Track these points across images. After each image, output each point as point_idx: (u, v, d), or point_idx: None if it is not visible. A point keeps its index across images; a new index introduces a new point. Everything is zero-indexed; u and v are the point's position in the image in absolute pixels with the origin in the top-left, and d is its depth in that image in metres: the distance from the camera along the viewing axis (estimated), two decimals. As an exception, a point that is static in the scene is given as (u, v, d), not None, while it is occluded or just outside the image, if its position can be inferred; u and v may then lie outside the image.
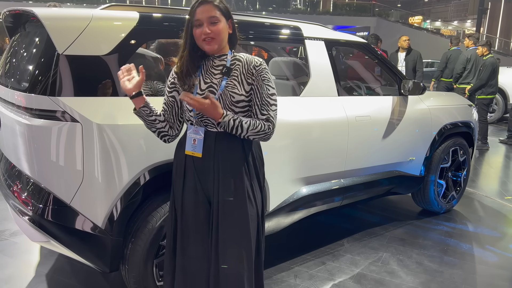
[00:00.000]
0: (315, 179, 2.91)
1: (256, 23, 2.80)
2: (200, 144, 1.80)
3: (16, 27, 2.56)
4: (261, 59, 1.86)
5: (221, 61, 1.83)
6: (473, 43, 7.47)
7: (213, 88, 1.79)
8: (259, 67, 1.82)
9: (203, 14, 1.72)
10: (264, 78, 1.82)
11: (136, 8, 2.40)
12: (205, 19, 1.72)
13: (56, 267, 2.84)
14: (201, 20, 1.73)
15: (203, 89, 1.80)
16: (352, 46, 3.58)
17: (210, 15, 1.72)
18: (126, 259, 2.18)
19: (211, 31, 1.73)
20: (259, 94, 1.81)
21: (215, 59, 1.84)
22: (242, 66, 1.83)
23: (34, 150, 2.03)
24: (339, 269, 2.93)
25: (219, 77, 1.80)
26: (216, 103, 1.69)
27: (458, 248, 3.35)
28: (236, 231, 1.81)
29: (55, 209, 2.02)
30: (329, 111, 2.92)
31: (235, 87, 1.79)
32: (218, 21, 1.74)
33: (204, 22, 1.72)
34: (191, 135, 1.82)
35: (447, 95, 4.51)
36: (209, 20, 1.72)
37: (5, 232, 3.31)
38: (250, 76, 1.81)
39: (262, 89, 1.81)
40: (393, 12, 27.58)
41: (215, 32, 1.74)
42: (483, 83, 6.76)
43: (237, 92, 1.79)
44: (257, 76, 1.81)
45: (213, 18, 1.73)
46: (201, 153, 1.80)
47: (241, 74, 1.81)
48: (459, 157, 3.97)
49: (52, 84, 1.96)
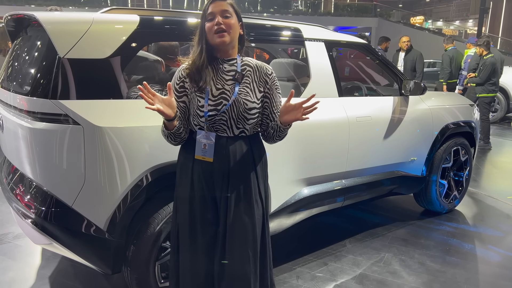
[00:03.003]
0: (316, 180, 2.91)
1: (258, 25, 2.81)
2: (211, 149, 1.80)
3: (18, 31, 2.58)
4: (270, 66, 1.91)
5: (231, 66, 1.84)
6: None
7: (225, 94, 1.79)
8: (272, 75, 1.89)
9: (216, 8, 1.76)
10: (277, 87, 1.91)
11: (136, 11, 2.41)
12: (218, 12, 1.75)
13: (59, 269, 2.85)
14: (214, 13, 1.75)
15: (216, 95, 1.78)
16: (352, 47, 3.59)
17: (223, 9, 1.76)
18: (128, 261, 2.19)
19: (224, 23, 1.74)
20: (274, 102, 1.89)
21: (224, 64, 1.84)
22: (253, 73, 1.85)
23: (36, 153, 2.05)
24: (341, 269, 2.93)
25: (231, 83, 1.81)
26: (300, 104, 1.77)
27: (461, 248, 3.34)
28: (244, 234, 1.83)
29: (58, 211, 2.03)
30: (330, 112, 2.93)
31: (248, 95, 1.81)
32: (231, 16, 1.77)
33: (217, 14, 1.75)
34: (201, 140, 1.80)
35: (448, 95, 4.51)
36: (222, 13, 1.76)
37: (8, 235, 3.32)
38: (263, 84, 1.86)
39: (276, 97, 1.90)
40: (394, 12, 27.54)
41: (227, 25, 1.75)
42: (481, 82, 6.76)
43: (250, 100, 1.80)
44: (271, 85, 1.88)
45: (225, 11, 1.76)
46: (212, 158, 1.80)
47: (253, 82, 1.84)
48: (461, 157, 3.96)
49: (54, 87, 1.97)
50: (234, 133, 1.81)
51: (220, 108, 1.77)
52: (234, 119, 1.79)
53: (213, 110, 1.77)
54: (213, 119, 1.78)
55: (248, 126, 1.83)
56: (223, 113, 1.78)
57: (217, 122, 1.79)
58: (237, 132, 1.82)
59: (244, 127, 1.82)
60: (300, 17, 23.27)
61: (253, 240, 1.85)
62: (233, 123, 1.80)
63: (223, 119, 1.78)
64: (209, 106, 1.77)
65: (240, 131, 1.82)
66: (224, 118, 1.78)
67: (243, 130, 1.82)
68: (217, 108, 1.77)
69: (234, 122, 1.80)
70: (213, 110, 1.77)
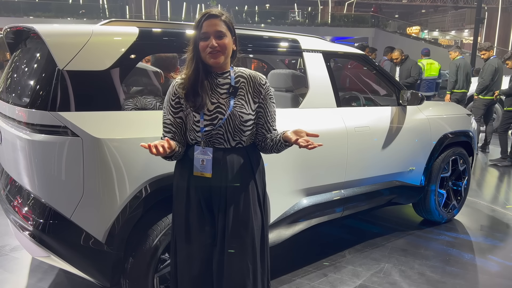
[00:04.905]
0: (315, 190, 2.91)
1: (255, 36, 2.83)
2: (209, 164, 1.79)
3: (17, 43, 2.59)
4: (263, 76, 1.90)
5: (225, 79, 1.84)
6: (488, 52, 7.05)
7: (221, 108, 1.79)
8: (265, 85, 1.88)
9: (210, 28, 1.74)
10: (271, 97, 1.90)
11: (135, 24, 2.42)
12: (212, 32, 1.74)
13: (57, 282, 2.82)
14: (208, 33, 1.74)
15: (211, 109, 1.78)
16: (350, 58, 3.61)
17: (217, 29, 1.74)
18: (126, 273, 2.17)
19: (218, 45, 1.74)
20: (269, 112, 1.89)
21: (218, 77, 1.84)
22: (247, 84, 1.85)
23: (34, 165, 2.04)
24: (341, 280, 2.91)
25: (226, 97, 1.81)
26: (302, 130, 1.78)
27: (460, 258, 3.33)
28: (243, 246, 1.82)
29: (56, 224, 2.02)
30: (328, 122, 2.94)
31: (243, 107, 1.81)
32: (224, 36, 1.76)
33: (211, 35, 1.74)
34: (199, 156, 1.80)
35: (446, 105, 4.53)
36: (216, 34, 1.74)
37: (6, 247, 3.30)
38: (257, 95, 1.86)
39: (270, 107, 1.89)
40: (390, 22, 27.79)
41: (222, 46, 1.75)
42: None
43: (245, 112, 1.81)
44: (265, 95, 1.88)
45: (220, 32, 1.74)
46: (211, 174, 1.79)
47: (247, 93, 1.84)
48: (459, 167, 3.97)
49: (53, 99, 1.97)
50: (231, 145, 1.82)
51: (216, 123, 1.77)
52: (231, 132, 1.79)
53: (209, 125, 1.77)
54: (209, 133, 1.78)
55: (244, 137, 1.83)
56: (219, 128, 1.78)
57: (213, 136, 1.79)
58: (234, 144, 1.82)
59: (241, 138, 1.82)
60: (297, 28, 23.44)
61: (252, 252, 1.84)
62: (230, 136, 1.80)
63: (220, 133, 1.78)
64: (205, 121, 1.77)
65: (236, 142, 1.82)
66: (221, 132, 1.78)
67: (239, 141, 1.83)
68: (213, 123, 1.77)
69: (231, 135, 1.80)
70: (209, 125, 1.77)
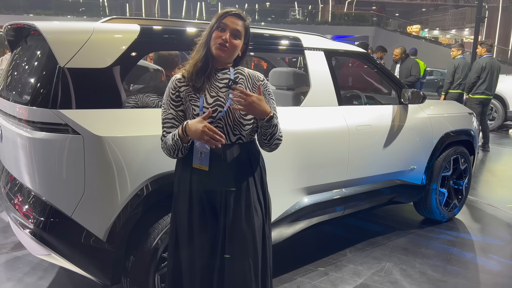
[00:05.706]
0: (316, 189, 2.90)
1: (257, 34, 2.82)
2: (206, 157, 1.79)
3: (18, 40, 2.58)
4: (261, 74, 1.94)
5: (224, 75, 1.87)
6: (487, 50, 6.99)
7: (220, 101, 1.80)
8: (263, 82, 1.91)
9: (232, 24, 1.78)
10: (270, 93, 1.93)
11: (136, 21, 2.41)
12: (231, 29, 1.78)
13: (57, 280, 2.82)
14: (228, 27, 1.78)
15: (210, 102, 1.80)
16: (351, 56, 3.60)
17: (236, 28, 1.79)
18: (127, 271, 2.17)
19: (229, 42, 1.78)
20: None
21: (218, 72, 1.86)
22: (246, 80, 1.89)
23: (35, 163, 2.03)
24: (342, 279, 2.91)
25: (225, 91, 1.82)
26: (261, 97, 1.73)
27: (461, 257, 3.33)
28: (244, 243, 1.82)
29: (57, 222, 2.02)
30: (329, 121, 2.93)
31: None
32: (239, 38, 1.81)
33: (228, 30, 1.78)
34: (198, 148, 1.80)
35: (447, 104, 4.52)
36: (233, 31, 1.79)
37: (6, 245, 3.29)
38: (256, 91, 1.86)
39: (269, 103, 1.89)
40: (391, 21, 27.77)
41: (232, 45, 1.79)
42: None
43: None
44: (264, 92, 1.89)
45: (237, 31, 1.80)
46: (207, 167, 1.79)
47: (246, 89, 1.86)
48: (460, 165, 3.96)
49: (54, 97, 1.96)
50: (231, 140, 1.82)
51: (216, 115, 1.78)
52: (231, 125, 1.80)
53: (208, 118, 1.77)
54: None
55: (244, 132, 1.84)
56: (219, 120, 1.79)
57: None
58: (234, 139, 1.82)
59: (240, 133, 1.83)
60: (297, 26, 23.44)
61: (253, 249, 1.84)
62: (229, 130, 1.81)
63: (219, 126, 1.79)
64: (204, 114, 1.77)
65: (237, 138, 1.83)
66: (220, 125, 1.79)
67: (240, 136, 1.83)
68: (213, 116, 1.78)
69: (230, 128, 1.81)
70: (209, 118, 1.77)
